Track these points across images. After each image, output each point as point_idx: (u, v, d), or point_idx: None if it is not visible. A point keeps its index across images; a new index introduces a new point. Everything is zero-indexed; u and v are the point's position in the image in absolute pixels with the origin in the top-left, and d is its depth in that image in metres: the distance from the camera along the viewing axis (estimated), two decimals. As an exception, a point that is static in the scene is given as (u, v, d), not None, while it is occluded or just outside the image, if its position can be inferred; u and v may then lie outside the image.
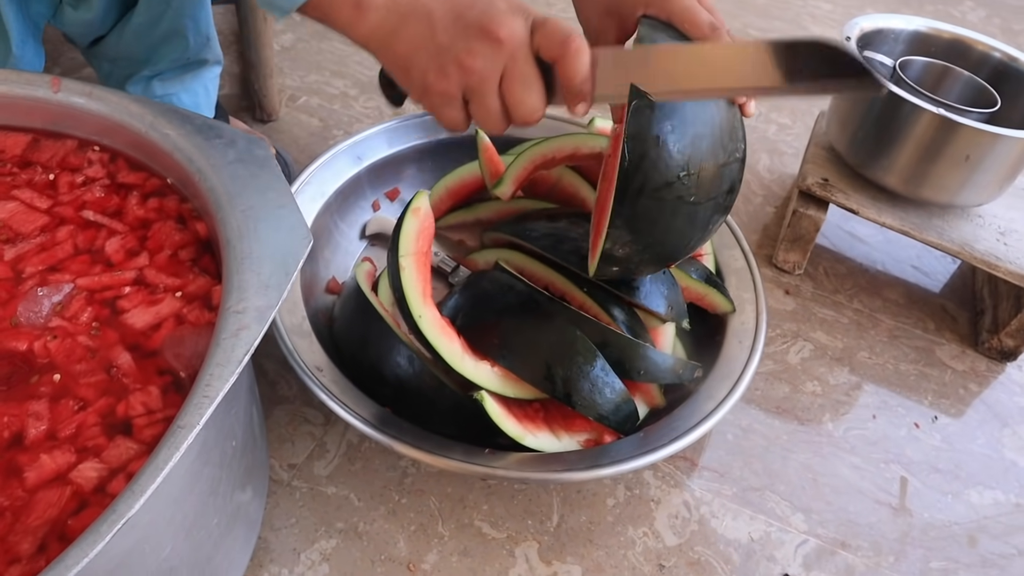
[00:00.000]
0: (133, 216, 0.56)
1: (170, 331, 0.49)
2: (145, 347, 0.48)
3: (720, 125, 0.60)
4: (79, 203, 0.56)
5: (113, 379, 0.46)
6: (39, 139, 0.60)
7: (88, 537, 0.35)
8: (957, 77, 0.94)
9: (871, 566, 0.69)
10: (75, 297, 0.50)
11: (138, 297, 0.51)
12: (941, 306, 0.97)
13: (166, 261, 0.53)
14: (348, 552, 0.63)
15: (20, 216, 0.54)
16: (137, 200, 0.57)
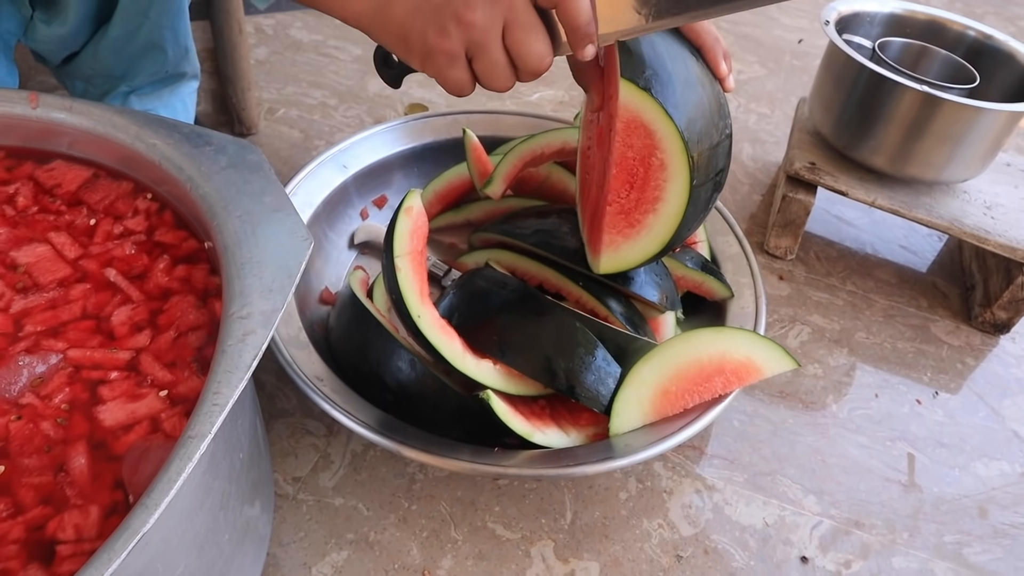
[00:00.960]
0: (155, 284, 0.51)
1: (140, 438, 0.43)
2: (109, 449, 0.43)
3: (709, 106, 0.60)
4: (107, 258, 0.53)
5: (58, 485, 0.41)
6: (99, 176, 0.57)
7: (103, 555, 0.33)
8: (935, 56, 0.95)
9: (886, 543, 0.68)
10: (59, 371, 0.46)
11: (122, 387, 0.46)
12: (932, 284, 0.98)
13: (169, 344, 0.48)
14: (361, 563, 0.61)
15: (45, 264, 0.51)
16: (166, 266, 0.52)
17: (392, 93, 1.20)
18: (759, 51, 1.49)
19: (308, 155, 1.04)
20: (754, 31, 1.56)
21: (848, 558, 0.67)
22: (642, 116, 0.58)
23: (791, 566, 0.65)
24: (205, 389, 0.39)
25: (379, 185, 0.88)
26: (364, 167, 0.86)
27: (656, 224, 0.63)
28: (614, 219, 0.64)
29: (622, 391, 0.63)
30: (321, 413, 0.67)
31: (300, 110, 1.13)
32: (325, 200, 0.81)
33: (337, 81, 1.21)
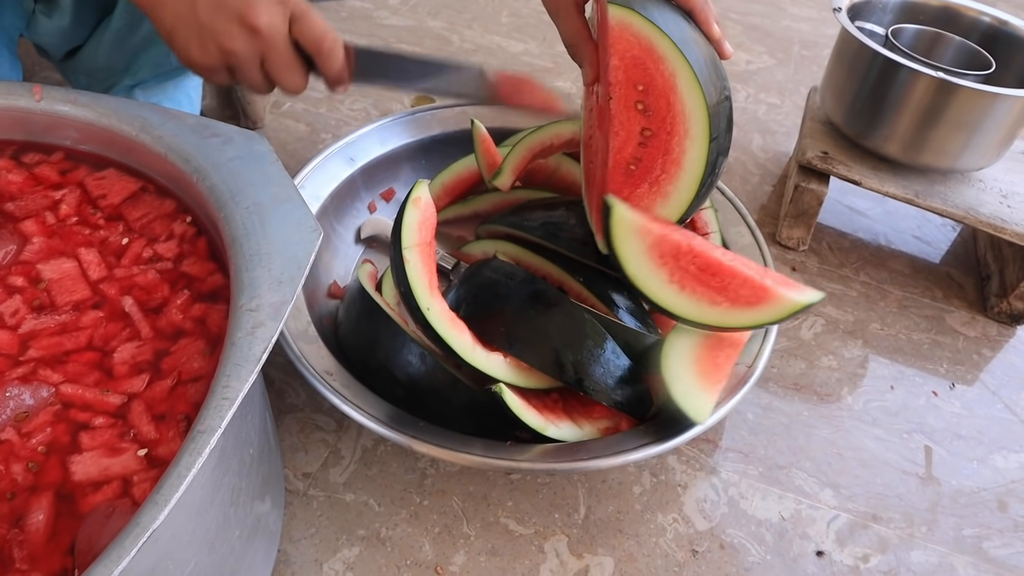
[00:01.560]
0: (168, 321, 0.49)
1: (106, 500, 0.40)
2: (75, 505, 0.40)
3: (707, 63, 0.59)
4: (128, 284, 0.51)
5: (7, 543, 0.38)
6: (147, 190, 0.56)
7: (112, 553, 0.33)
8: (949, 43, 0.93)
9: (904, 537, 0.67)
10: (47, 407, 0.44)
11: (104, 436, 0.43)
12: (946, 274, 0.97)
13: (164, 394, 0.45)
14: (372, 559, 0.61)
15: (67, 283, 0.50)
16: (184, 301, 0.50)
17: (398, 86, 1.19)
18: (767, 41, 1.47)
19: (314, 148, 1.03)
20: (763, 21, 1.55)
21: (866, 552, 0.66)
22: (653, 51, 0.57)
23: (808, 560, 0.64)
24: (214, 382, 0.38)
25: (387, 178, 0.87)
26: (371, 160, 0.85)
27: (673, 189, 0.62)
28: (623, 186, 0.63)
29: (667, 363, 0.61)
30: (331, 408, 0.66)
31: (306, 103, 1.12)
32: (332, 193, 0.81)
33: (343, 75, 1.20)
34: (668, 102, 0.59)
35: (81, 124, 0.56)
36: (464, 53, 1.31)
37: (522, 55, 1.33)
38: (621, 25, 0.57)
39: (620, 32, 0.57)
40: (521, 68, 1.29)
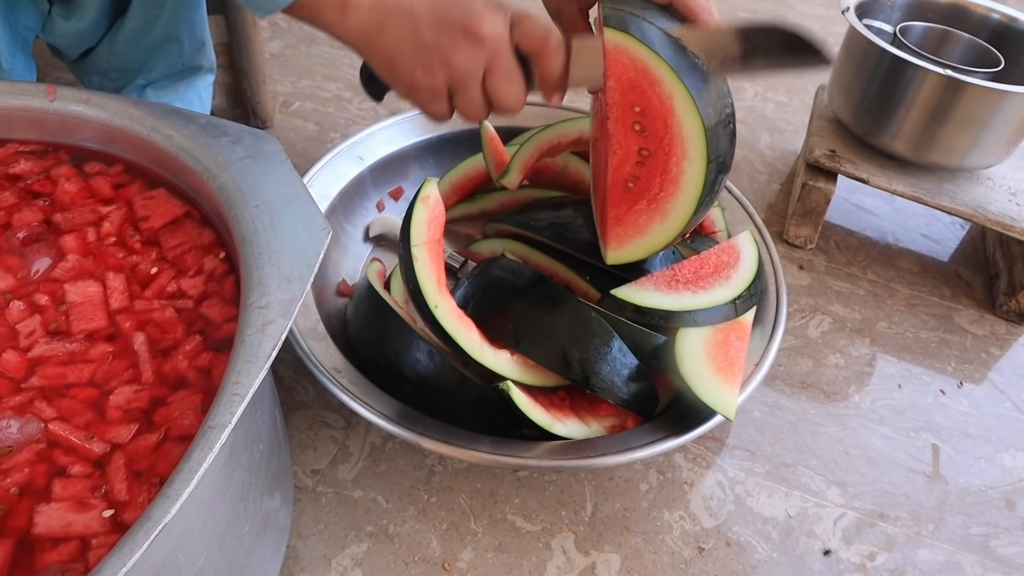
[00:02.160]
0: (173, 368, 0.47)
1: (60, 562, 0.38)
2: (32, 559, 0.39)
3: (708, 81, 0.59)
4: (145, 319, 0.49)
5: None
6: (190, 216, 0.55)
7: (124, 546, 0.33)
8: (957, 40, 0.93)
9: (911, 535, 0.67)
10: (32, 444, 0.42)
11: (76, 487, 0.41)
12: (955, 272, 0.97)
13: (148, 450, 0.43)
14: (380, 555, 0.61)
15: (87, 308, 0.49)
16: (195, 347, 0.48)
17: (406, 85, 1.20)
18: (776, 39, 1.47)
19: (323, 148, 1.04)
20: (771, 20, 1.54)
21: (872, 550, 0.66)
22: (649, 74, 0.57)
23: (814, 558, 0.65)
24: (225, 379, 0.39)
25: (395, 176, 0.88)
26: (380, 159, 0.86)
27: (671, 207, 0.62)
28: (622, 202, 0.63)
29: (681, 357, 0.62)
30: (339, 405, 0.67)
31: (315, 103, 1.13)
32: (341, 192, 0.81)
33: (351, 74, 1.21)
34: (665, 124, 0.59)
35: (95, 124, 0.57)
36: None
37: (530, 54, 1.33)
38: (617, 48, 0.57)
39: (616, 55, 0.57)
40: (529, 67, 1.29)
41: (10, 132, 0.58)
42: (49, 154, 0.58)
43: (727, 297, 0.67)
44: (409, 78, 0.56)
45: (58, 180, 0.56)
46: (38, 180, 0.56)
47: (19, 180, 0.56)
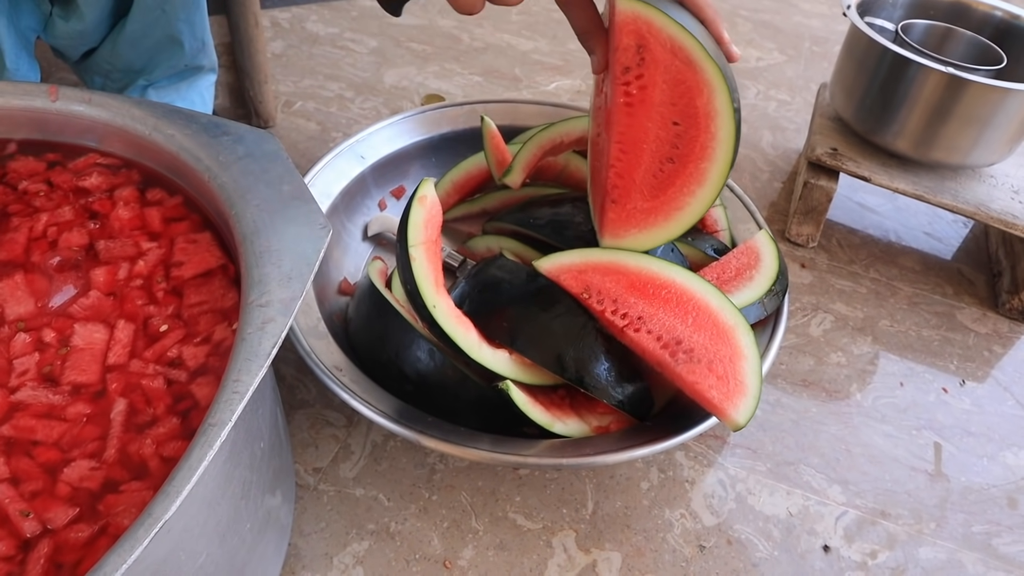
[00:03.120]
0: (139, 451, 0.42)
1: None
2: None
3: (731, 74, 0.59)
4: (134, 384, 0.46)
5: None
6: (226, 271, 0.51)
7: (125, 543, 0.33)
8: (960, 38, 0.93)
9: (913, 534, 0.67)
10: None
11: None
12: (957, 270, 0.96)
13: (79, 543, 0.39)
14: (382, 553, 0.61)
15: (85, 357, 0.45)
16: (168, 432, 0.43)
17: (410, 84, 1.20)
18: (778, 38, 1.47)
19: (325, 147, 1.04)
20: (773, 18, 1.54)
21: (874, 548, 0.66)
22: (682, 51, 0.56)
23: (816, 556, 0.65)
24: (225, 377, 0.39)
25: (397, 176, 0.88)
26: (381, 158, 0.86)
27: (689, 196, 0.62)
28: (647, 188, 0.63)
29: None
30: (341, 404, 0.67)
31: (317, 103, 1.13)
32: (343, 191, 0.81)
33: (353, 73, 1.21)
34: (696, 104, 0.58)
35: (97, 124, 0.57)
36: (474, 51, 1.31)
37: (532, 53, 1.33)
38: (652, 23, 0.56)
39: (652, 29, 0.56)
40: (531, 66, 1.30)
41: (13, 132, 0.58)
42: (122, 171, 0.57)
43: (753, 297, 0.68)
44: None
45: (117, 203, 0.55)
46: (100, 199, 0.55)
47: (84, 195, 0.56)
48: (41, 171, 0.57)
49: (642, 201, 0.64)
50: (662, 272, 0.63)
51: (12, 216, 0.54)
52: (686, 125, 0.59)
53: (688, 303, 0.62)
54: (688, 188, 0.62)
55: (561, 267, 0.65)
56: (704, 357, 0.60)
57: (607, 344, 0.63)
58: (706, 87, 0.57)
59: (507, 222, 0.78)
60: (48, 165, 0.58)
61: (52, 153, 0.58)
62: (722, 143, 0.59)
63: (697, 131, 0.59)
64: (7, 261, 0.50)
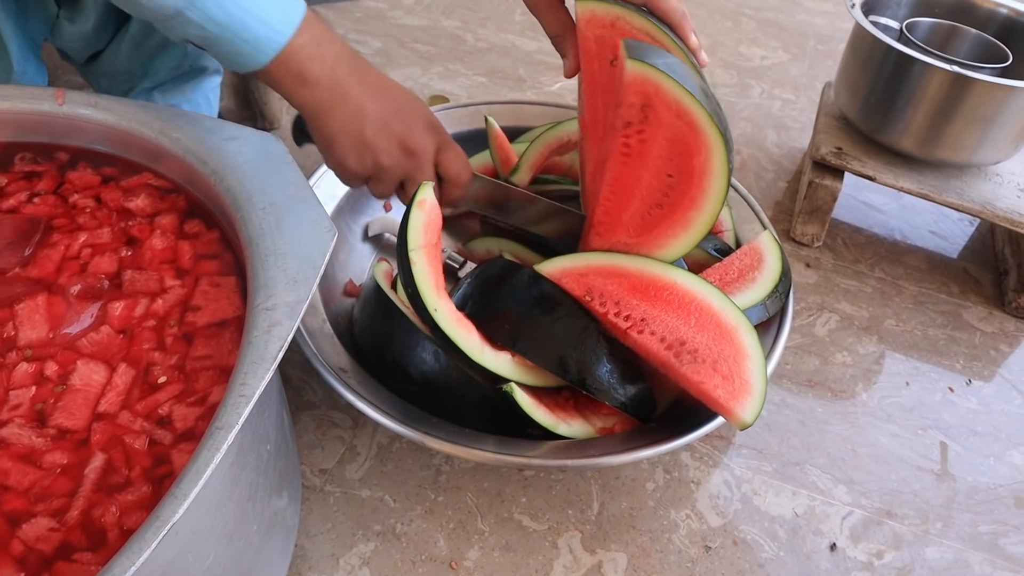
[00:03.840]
0: (102, 517, 0.40)
1: None
2: None
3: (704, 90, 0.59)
4: (117, 439, 0.43)
5: None
6: (239, 319, 0.49)
7: (133, 545, 0.34)
8: (965, 35, 0.93)
9: (919, 533, 0.67)
10: None
11: None
12: (963, 269, 0.96)
13: None
14: (388, 554, 0.62)
15: (77, 400, 0.44)
16: (137, 500, 0.41)
17: (414, 85, 1.20)
18: (782, 36, 1.47)
19: (330, 149, 1.04)
20: (777, 16, 1.54)
21: (880, 548, 0.66)
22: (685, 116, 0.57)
23: (821, 557, 0.65)
24: (232, 381, 0.39)
25: (401, 177, 0.88)
26: (386, 159, 0.86)
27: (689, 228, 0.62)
28: (638, 227, 0.64)
29: None
30: (347, 405, 0.67)
31: (321, 104, 1.13)
32: (348, 193, 0.81)
33: (358, 74, 1.21)
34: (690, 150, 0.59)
35: (103, 127, 0.57)
36: (478, 52, 1.32)
37: (536, 53, 1.33)
38: (648, 80, 0.56)
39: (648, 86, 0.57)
40: (534, 66, 1.30)
41: (17, 135, 0.58)
42: (170, 196, 0.57)
43: (756, 299, 0.68)
44: (340, 159, 0.64)
45: (155, 230, 0.54)
46: (141, 224, 0.55)
47: (127, 217, 0.55)
48: (95, 185, 0.57)
49: (626, 237, 0.65)
50: (663, 274, 0.63)
51: (55, 231, 0.54)
52: (679, 178, 0.60)
53: (690, 305, 0.62)
54: (672, 232, 0.63)
55: (563, 270, 0.65)
56: (708, 357, 0.60)
57: (609, 346, 0.63)
58: (704, 148, 0.57)
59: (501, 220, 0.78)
60: (103, 180, 0.58)
61: (110, 167, 0.58)
62: (711, 197, 0.60)
63: (689, 185, 0.60)
64: (37, 279, 0.50)
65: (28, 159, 0.58)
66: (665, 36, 0.59)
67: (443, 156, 0.67)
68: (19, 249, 0.51)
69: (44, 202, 0.56)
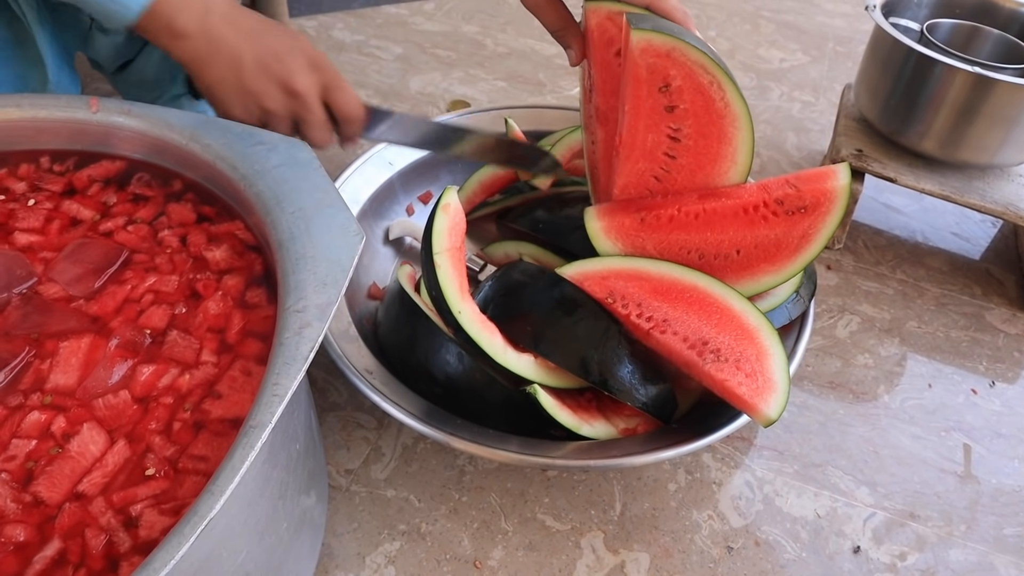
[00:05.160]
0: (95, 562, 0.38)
1: None
2: None
3: None
4: (84, 525, 0.40)
5: None
6: (237, 426, 0.44)
7: (172, 540, 0.35)
8: (987, 36, 0.93)
9: (943, 536, 0.67)
10: None
11: None
12: (986, 270, 0.96)
13: None
14: (413, 553, 0.62)
15: (65, 469, 0.41)
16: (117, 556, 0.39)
17: (435, 90, 1.21)
18: (801, 39, 1.47)
19: (353, 153, 1.05)
20: (796, 18, 1.54)
21: (903, 550, 0.66)
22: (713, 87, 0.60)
23: (844, 558, 0.65)
24: (264, 380, 0.40)
25: (424, 181, 0.89)
26: (409, 164, 0.87)
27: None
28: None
29: None
30: (372, 406, 0.68)
31: (344, 110, 1.15)
32: (371, 197, 0.83)
33: (380, 80, 1.23)
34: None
35: (136, 134, 0.59)
36: (498, 57, 1.33)
37: (555, 57, 1.34)
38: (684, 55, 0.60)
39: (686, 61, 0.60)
40: (554, 70, 1.30)
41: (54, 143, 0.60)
42: (250, 252, 0.54)
43: (777, 302, 0.68)
44: (226, 110, 0.64)
45: (219, 291, 0.51)
46: (208, 280, 0.52)
47: (201, 268, 0.53)
48: (189, 223, 0.56)
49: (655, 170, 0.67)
50: (684, 277, 0.64)
51: (131, 266, 0.53)
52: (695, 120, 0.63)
53: (711, 306, 0.63)
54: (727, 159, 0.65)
55: (585, 273, 0.66)
56: (731, 356, 0.60)
57: (630, 347, 0.64)
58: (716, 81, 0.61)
59: (517, 223, 0.79)
60: (197, 218, 0.57)
61: (211, 206, 0.57)
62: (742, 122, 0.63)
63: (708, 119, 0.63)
64: (94, 316, 0.50)
65: (144, 181, 0.59)
66: (719, 70, 0.60)
67: (332, 95, 0.66)
68: (95, 277, 0.51)
69: (136, 231, 0.55)
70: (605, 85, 0.68)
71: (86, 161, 0.60)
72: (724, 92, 0.61)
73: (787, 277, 0.65)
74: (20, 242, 0.54)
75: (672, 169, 0.66)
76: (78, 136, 0.60)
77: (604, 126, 0.69)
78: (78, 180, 0.59)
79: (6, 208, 0.56)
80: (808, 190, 0.63)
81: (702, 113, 0.62)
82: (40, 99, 0.59)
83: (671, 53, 0.60)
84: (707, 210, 0.65)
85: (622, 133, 0.65)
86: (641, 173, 0.66)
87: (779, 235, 0.64)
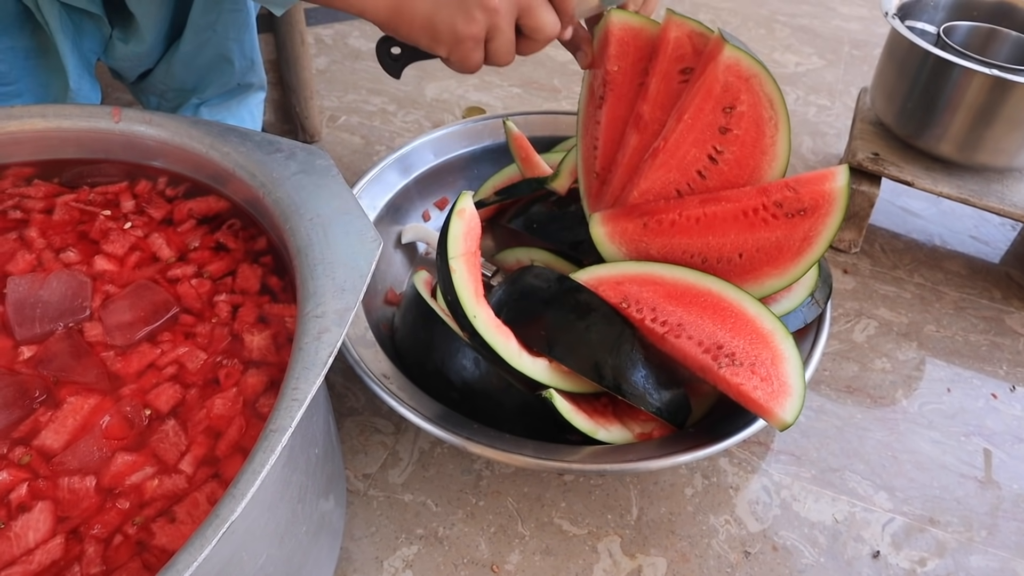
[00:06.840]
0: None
1: None
2: None
3: None
4: (94, 527, 0.39)
5: None
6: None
7: (195, 542, 0.35)
8: (1005, 38, 0.92)
9: (963, 541, 0.66)
10: None
11: None
12: (1005, 274, 0.95)
13: None
14: (430, 557, 0.63)
15: (41, 522, 0.40)
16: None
17: (450, 97, 1.22)
18: (817, 42, 1.46)
19: (370, 160, 1.06)
20: (811, 22, 1.53)
21: (923, 556, 0.65)
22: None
23: (863, 563, 0.64)
24: (284, 385, 0.41)
25: (440, 187, 0.90)
26: (424, 170, 0.88)
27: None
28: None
29: None
30: (389, 411, 0.69)
31: (361, 117, 1.16)
32: (388, 203, 0.83)
33: (395, 87, 1.23)
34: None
35: (157, 143, 0.60)
36: (513, 63, 1.33)
37: (570, 63, 1.34)
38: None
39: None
40: (569, 76, 1.31)
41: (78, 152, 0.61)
42: (288, 346, 0.50)
43: (791, 306, 0.68)
44: (451, 31, 0.59)
45: (236, 377, 0.48)
46: (231, 369, 0.49)
47: (233, 354, 0.50)
48: (252, 291, 0.54)
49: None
50: (698, 282, 0.64)
51: (174, 326, 0.51)
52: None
53: (725, 310, 0.63)
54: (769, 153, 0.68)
55: (599, 279, 0.66)
56: (746, 360, 0.60)
57: (644, 352, 0.64)
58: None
59: (512, 223, 0.81)
60: (260, 289, 0.54)
61: (279, 279, 0.54)
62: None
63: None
64: (115, 375, 0.48)
65: (233, 230, 0.57)
66: (783, 111, 0.63)
67: (525, 16, 0.61)
68: (138, 328, 0.50)
69: (199, 287, 0.53)
70: (659, 95, 0.68)
71: (197, 191, 0.59)
72: (776, 132, 0.62)
73: (791, 280, 0.64)
74: (97, 267, 0.54)
75: (697, 188, 0.66)
76: (98, 145, 0.61)
77: (640, 133, 0.69)
78: (178, 211, 0.58)
79: (105, 226, 0.56)
80: (807, 192, 0.63)
81: (749, 144, 0.63)
82: (63, 108, 0.60)
83: (751, 79, 0.61)
84: (707, 214, 0.64)
85: (668, 139, 0.65)
86: (668, 183, 0.67)
87: (780, 238, 0.64)
